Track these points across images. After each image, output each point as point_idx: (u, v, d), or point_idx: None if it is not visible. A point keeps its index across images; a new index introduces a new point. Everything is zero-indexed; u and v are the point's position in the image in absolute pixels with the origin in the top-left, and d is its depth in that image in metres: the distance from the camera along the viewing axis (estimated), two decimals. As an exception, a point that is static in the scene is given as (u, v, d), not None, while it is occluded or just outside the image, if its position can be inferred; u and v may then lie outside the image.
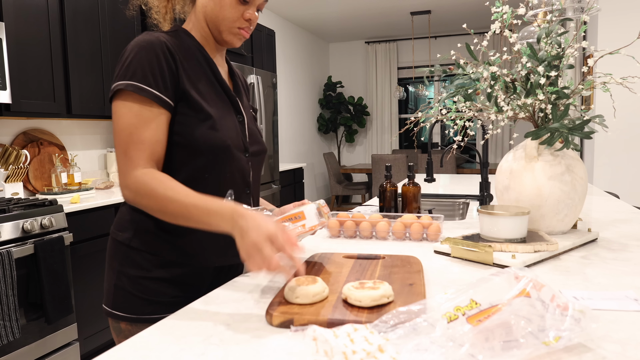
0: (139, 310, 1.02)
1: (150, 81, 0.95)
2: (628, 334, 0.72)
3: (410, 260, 1.06)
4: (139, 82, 0.94)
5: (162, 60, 0.97)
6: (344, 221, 1.43)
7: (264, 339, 0.73)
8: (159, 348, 0.71)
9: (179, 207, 0.89)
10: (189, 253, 1.04)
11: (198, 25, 1.07)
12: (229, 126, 1.05)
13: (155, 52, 0.96)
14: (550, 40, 1.21)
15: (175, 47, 1.01)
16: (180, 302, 1.04)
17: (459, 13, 6.48)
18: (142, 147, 0.94)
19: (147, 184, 0.91)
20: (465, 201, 2.18)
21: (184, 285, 1.05)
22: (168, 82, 0.97)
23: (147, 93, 0.94)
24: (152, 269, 1.03)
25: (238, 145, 1.07)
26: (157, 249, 1.03)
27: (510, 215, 1.14)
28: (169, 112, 0.98)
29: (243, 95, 1.19)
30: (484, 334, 0.59)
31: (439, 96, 1.38)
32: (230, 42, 1.06)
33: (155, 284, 1.02)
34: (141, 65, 0.95)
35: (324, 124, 7.76)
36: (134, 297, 1.02)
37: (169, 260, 1.03)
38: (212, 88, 1.06)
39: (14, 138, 2.79)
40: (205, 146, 1.00)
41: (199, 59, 1.06)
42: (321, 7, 5.99)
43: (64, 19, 2.70)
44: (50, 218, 2.24)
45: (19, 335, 2.01)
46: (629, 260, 1.11)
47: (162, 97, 0.96)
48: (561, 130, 1.19)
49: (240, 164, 1.08)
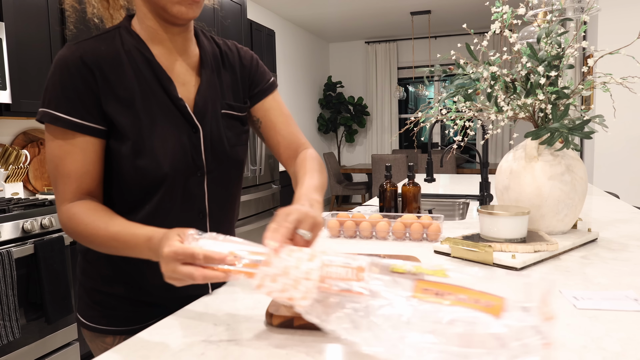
0: (94, 320, 0.98)
1: (68, 107, 0.83)
2: (628, 334, 0.72)
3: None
4: (55, 109, 0.83)
5: (78, 80, 0.83)
6: (343, 221, 1.43)
7: (264, 339, 0.73)
8: (159, 348, 0.71)
9: (101, 239, 0.83)
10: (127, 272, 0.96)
11: (141, 14, 0.90)
12: (167, 147, 0.88)
13: (69, 71, 0.83)
14: (550, 40, 1.21)
15: (98, 58, 0.85)
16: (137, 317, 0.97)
17: (459, 13, 6.48)
18: (69, 181, 0.85)
19: (71, 218, 0.85)
20: (465, 201, 2.18)
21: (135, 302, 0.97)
22: (88, 103, 0.84)
23: (64, 123, 0.83)
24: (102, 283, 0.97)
25: (183, 169, 0.91)
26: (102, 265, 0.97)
27: (510, 215, 1.14)
28: (97, 137, 0.86)
29: (218, 92, 0.97)
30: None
31: (439, 96, 1.38)
32: (179, 13, 0.85)
33: (107, 298, 0.97)
34: (55, 89, 0.84)
35: (323, 124, 7.76)
36: (89, 306, 0.98)
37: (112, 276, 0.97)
38: (153, 99, 0.89)
39: (14, 138, 2.79)
40: (130, 177, 0.88)
41: (140, 66, 0.89)
42: (321, 7, 5.99)
43: (64, 18, 2.70)
44: (50, 218, 2.24)
45: (19, 335, 2.01)
46: (628, 260, 1.11)
47: (83, 124, 0.84)
48: (561, 130, 1.19)
49: (188, 189, 0.93)
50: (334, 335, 0.61)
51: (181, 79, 0.93)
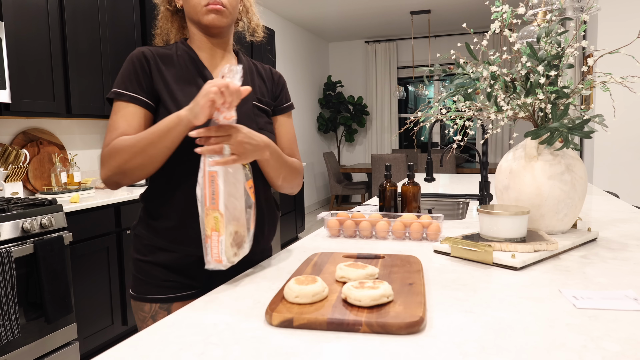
0: (137, 289, 1.16)
1: (126, 85, 1.10)
2: (628, 334, 0.72)
3: (410, 260, 1.06)
4: (117, 87, 1.10)
5: (137, 65, 1.11)
6: (343, 221, 1.43)
7: (264, 339, 0.73)
8: (159, 348, 0.71)
9: (137, 142, 1.01)
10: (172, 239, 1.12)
11: (191, 34, 1.19)
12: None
13: (132, 61, 1.12)
14: (550, 40, 1.21)
15: (156, 55, 1.14)
16: (174, 286, 1.14)
17: (458, 12, 6.48)
18: (114, 133, 1.07)
19: (112, 146, 1.04)
20: (465, 201, 2.18)
21: (174, 271, 1.14)
22: (142, 82, 1.10)
23: (120, 95, 1.09)
24: (146, 254, 1.15)
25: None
26: (148, 235, 1.15)
27: (510, 214, 1.14)
28: (144, 108, 1.10)
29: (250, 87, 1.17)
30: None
31: (438, 96, 1.37)
32: (208, 23, 1.12)
33: (148, 266, 1.15)
34: (121, 74, 1.12)
35: (323, 124, 7.76)
36: (136, 278, 1.17)
37: (157, 246, 1.14)
38: (194, 84, 1.14)
39: (14, 137, 2.79)
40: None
41: (186, 62, 1.16)
42: (321, 6, 5.99)
43: (63, 18, 2.70)
44: (50, 217, 2.24)
45: (19, 334, 2.01)
46: (628, 259, 1.11)
47: (135, 96, 1.09)
48: (561, 130, 1.19)
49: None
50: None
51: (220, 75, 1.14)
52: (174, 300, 1.14)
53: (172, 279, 1.14)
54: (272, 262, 1.17)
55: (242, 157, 0.98)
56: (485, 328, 0.75)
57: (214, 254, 0.95)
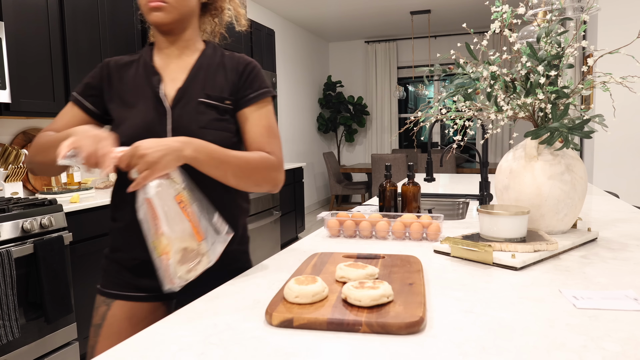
0: (102, 284, 1.21)
1: (79, 88, 1.20)
2: (628, 334, 0.72)
3: (410, 260, 1.06)
4: (74, 89, 1.22)
5: (95, 75, 1.20)
6: (343, 221, 1.43)
7: (264, 339, 0.73)
8: (159, 348, 0.71)
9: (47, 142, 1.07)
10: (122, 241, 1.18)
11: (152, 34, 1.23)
12: (132, 123, 1.12)
13: (94, 70, 1.21)
14: (550, 40, 1.21)
15: (117, 64, 1.20)
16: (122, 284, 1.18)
17: (458, 12, 6.48)
18: (49, 127, 1.17)
19: (35, 137, 1.12)
20: (465, 201, 2.18)
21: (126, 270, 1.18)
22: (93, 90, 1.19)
23: (72, 97, 1.20)
24: (108, 251, 1.21)
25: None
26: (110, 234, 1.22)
27: (510, 214, 1.14)
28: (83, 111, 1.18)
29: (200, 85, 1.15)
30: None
31: (438, 96, 1.37)
32: (152, 22, 1.12)
33: (106, 262, 1.21)
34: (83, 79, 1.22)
35: (323, 124, 7.76)
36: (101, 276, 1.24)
37: (113, 245, 1.20)
38: (140, 89, 1.16)
39: (14, 137, 2.79)
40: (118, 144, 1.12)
41: (142, 68, 1.19)
42: (321, 6, 5.99)
43: (63, 18, 2.70)
44: (50, 218, 2.24)
45: (19, 334, 2.01)
46: (628, 259, 1.11)
47: (78, 99, 1.18)
48: (561, 130, 1.19)
49: None
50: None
51: (172, 76, 1.18)
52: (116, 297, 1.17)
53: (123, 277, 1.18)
54: (272, 262, 1.17)
55: (155, 169, 0.93)
56: (485, 328, 0.75)
57: (166, 276, 0.96)
